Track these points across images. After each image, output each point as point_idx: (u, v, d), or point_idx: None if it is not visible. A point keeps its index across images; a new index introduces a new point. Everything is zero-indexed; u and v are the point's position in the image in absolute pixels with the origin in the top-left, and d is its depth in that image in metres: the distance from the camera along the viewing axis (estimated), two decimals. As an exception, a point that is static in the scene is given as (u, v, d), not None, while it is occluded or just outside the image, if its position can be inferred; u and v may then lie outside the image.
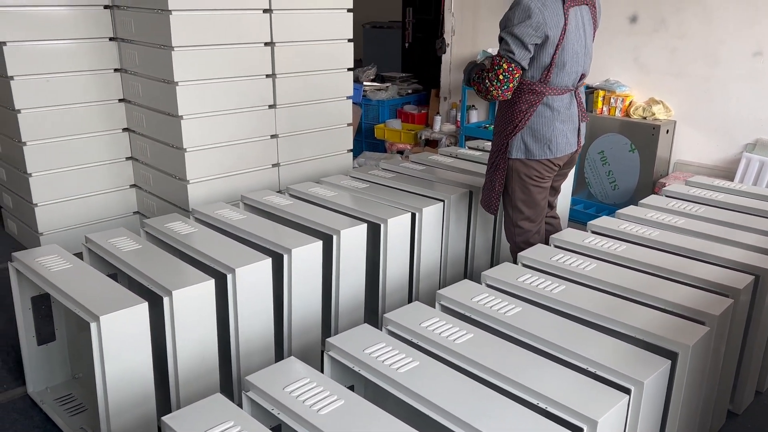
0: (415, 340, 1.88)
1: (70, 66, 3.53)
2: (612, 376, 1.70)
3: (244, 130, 3.62)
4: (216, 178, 3.57)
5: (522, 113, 2.61)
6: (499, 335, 1.91)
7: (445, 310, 2.10)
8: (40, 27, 3.38)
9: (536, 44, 2.48)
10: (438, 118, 5.33)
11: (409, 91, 6.04)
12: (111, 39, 3.62)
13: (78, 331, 2.55)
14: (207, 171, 3.51)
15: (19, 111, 3.42)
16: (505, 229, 2.88)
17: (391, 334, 1.94)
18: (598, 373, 1.74)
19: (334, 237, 2.64)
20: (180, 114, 3.32)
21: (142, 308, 2.03)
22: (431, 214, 2.95)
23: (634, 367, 1.71)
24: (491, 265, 3.47)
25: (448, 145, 5.14)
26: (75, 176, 3.68)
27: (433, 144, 5.38)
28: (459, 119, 5.17)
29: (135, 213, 3.97)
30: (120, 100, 3.74)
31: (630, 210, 2.89)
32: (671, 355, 1.82)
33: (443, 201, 3.02)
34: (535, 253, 2.44)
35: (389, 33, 7.79)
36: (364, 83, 5.99)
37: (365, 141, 5.91)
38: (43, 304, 2.52)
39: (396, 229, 2.81)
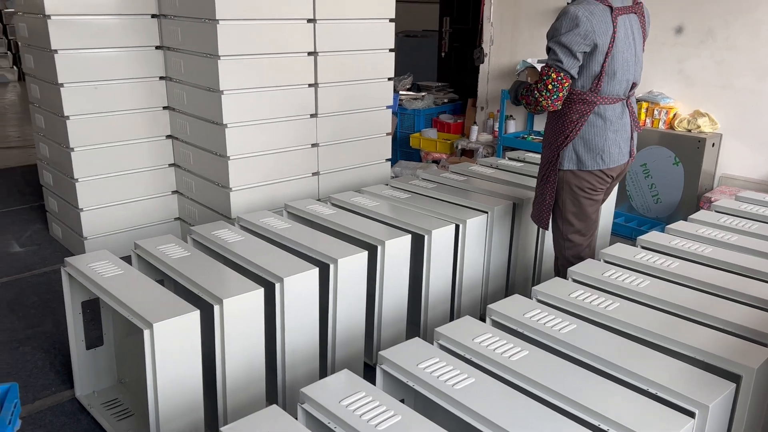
0: (468, 356, 1.85)
1: (117, 74, 3.59)
2: (675, 399, 1.66)
3: (285, 139, 3.64)
4: (257, 186, 3.59)
5: (573, 123, 2.58)
6: (554, 353, 1.88)
7: (497, 325, 2.06)
8: (90, 35, 3.45)
9: (585, 53, 2.46)
10: (475, 128, 5.29)
11: (445, 101, 6.02)
12: (157, 47, 3.68)
13: (125, 337, 2.57)
14: (249, 179, 3.54)
15: (68, 117, 3.49)
16: (554, 243, 2.83)
17: (443, 348, 1.91)
18: (659, 394, 1.69)
19: (379, 247, 2.63)
20: (224, 122, 3.35)
21: (194, 316, 2.03)
22: (475, 226, 2.92)
23: (698, 389, 1.66)
24: (533, 279, 3.42)
25: (485, 156, 5.11)
26: (119, 182, 3.74)
27: (468, 154, 5.35)
28: (497, 129, 5.14)
29: (176, 219, 4.01)
30: (164, 108, 3.79)
31: (680, 225, 2.83)
32: (734, 378, 1.77)
33: (487, 213, 2.99)
34: (586, 268, 2.39)
35: (423, 42, 7.78)
36: (401, 92, 5.99)
37: (400, 150, 5.90)
38: (87, 308, 2.55)
39: (440, 240, 2.79)
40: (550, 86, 2.48)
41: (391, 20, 3.91)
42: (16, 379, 2.64)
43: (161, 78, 3.73)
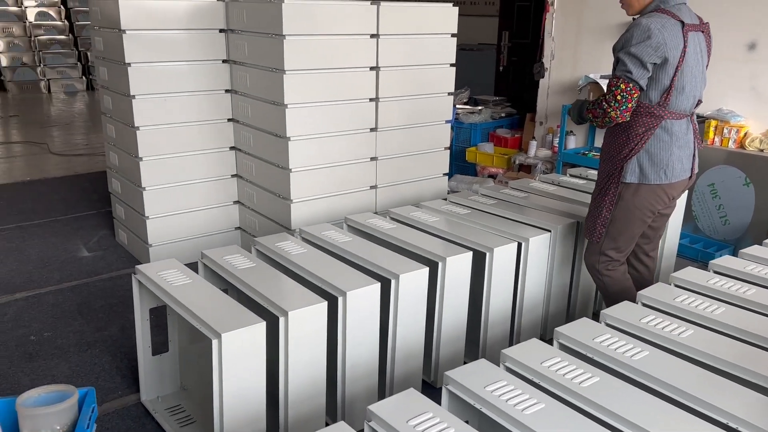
0: (536, 380, 1.81)
1: (185, 86, 3.70)
2: (758, 435, 1.58)
3: (345, 153, 3.67)
4: (317, 199, 3.63)
5: (638, 136, 2.54)
6: (626, 380, 1.82)
7: (564, 348, 2.02)
8: (161, 49, 3.57)
9: (655, 64, 2.43)
10: (533, 143, 5.22)
11: (503, 115, 5.97)
12: (224, 61, 3.78)
13: (189, 344, 2.63)
14: (309, 191, 3.58)
15: (138, 128, 3.61)
16: (585, 254, 2.81)
17: (510, 371, 1.88)
18: (740, 429, 1.62)
19: (440, 264, 2.61)
20: (288, 135, 3.40)
21: (261, 327, 2.06)
22: (538, 245, 2.87)
23: (783, 426, 1.58)
24: (595, 301, 3.34)
25: (544, 171, 5.03)
26: (184, 191, 3.84)
27: (526, 169, 5.28)
28: (556, 145, 5.05)
29: (237, 228, 4.09)
30: (229, 120, 3.88)
31: (754, 250, 2.71)
32: (821, 416, 1.67)
33: (550, 231, 2.93)
34: (657, 292, 2.32)
35: (479, 56, 7.76)
36: (457, 106, 5.97)
37: (455, 163, 5.86)
38: (152, 314, 2.61)
39: (502, 258, 2.76)
40: (618, 96, 2.45)
41: (453, 35, 3.91)
42: (85, 382, 2.73)
43: (227, 91, 3.83)
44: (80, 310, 3.35)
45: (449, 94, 4.06)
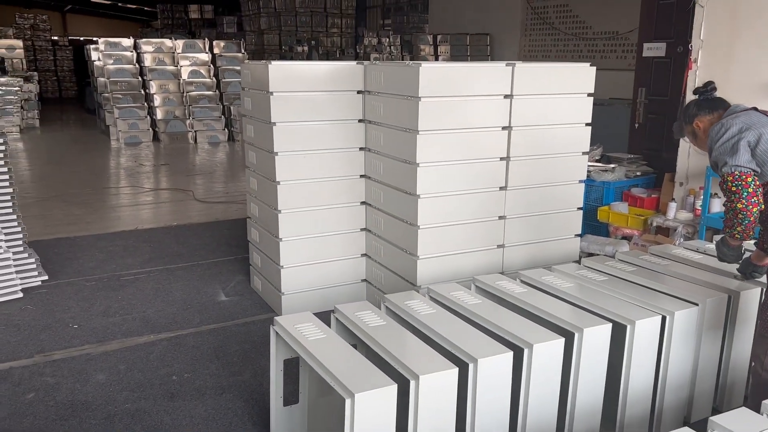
0: (691, 476, 1.65)
1: (323, 144, 3.89)
2: None
3: (473, 211, 3.66)
4: (443, 256, 3.62)
5: None
6: (799, 487, 1.61)
7: (721, 442, 1.83)
8: (303, 110, 3.79)
9: (749, 142, 2.36)
10: (673, 205, 4.92)
11: (638, 174, 5.70)
12: (359, 121, 3.94)
13: (318, 397, 2.67)
14: (436, 248, 3.59)
15: (279, 182, 3.83)
16: (754, 342, 2.53)
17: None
18: None
19: (576, 335, 2.50)
20: (418, 193, 3.45)
21: (392, 390, 2.06)
22: (684, 319, 2.67)
23: None
24: (747, 385, 3.03)
25: (686, 236, 4.71)
26: (316, 243, 3.99)
27: (664, 232, 4.97)
28: (698, 207, 4.73)
29: (362, 281, 4.17)
30: (361, 176, 4.01)
31: None
32: None
33: (698, 305, 2.72)
34: (831, 385, 2.06)
35: (610, 111, 7.50)
36: (588, 163, 5.78)
37: (585, 223, 5.64)
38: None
39: (644, 332, 2.59)
40: (733, 188, 2.36)
41: (589, 95, 3.83)
42: (218, 426, 2.86)
43: (360, 149, 3.97)
44: (217, 354, 3.53)
45: (583, 153, 3.95)
